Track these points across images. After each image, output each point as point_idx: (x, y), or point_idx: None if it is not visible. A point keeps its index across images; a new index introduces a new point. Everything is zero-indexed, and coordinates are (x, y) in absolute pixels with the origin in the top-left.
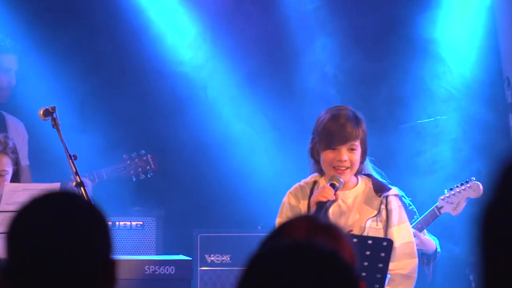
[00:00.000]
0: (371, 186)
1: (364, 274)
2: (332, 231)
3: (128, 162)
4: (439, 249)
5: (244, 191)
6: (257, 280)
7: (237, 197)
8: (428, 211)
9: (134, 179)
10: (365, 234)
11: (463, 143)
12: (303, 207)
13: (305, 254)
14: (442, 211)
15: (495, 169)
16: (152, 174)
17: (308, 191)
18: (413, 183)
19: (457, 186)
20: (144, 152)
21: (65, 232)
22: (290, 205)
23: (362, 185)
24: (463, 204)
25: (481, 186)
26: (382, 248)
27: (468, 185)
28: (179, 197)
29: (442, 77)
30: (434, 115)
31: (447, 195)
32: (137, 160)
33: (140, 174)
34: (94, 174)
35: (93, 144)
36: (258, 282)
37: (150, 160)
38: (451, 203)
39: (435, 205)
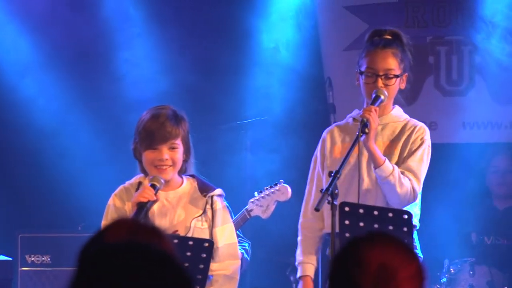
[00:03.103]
0: (196, 186)
1: None
2: (153, 233)
3: None
4: (246, 256)
5: (65, 192)
6: (92, 279)
7: (58, 198)
8: (239, 214)
9: None
10: (190, 233)
11: (284, 143)
12: (128, 208)
13: (140, 254)
14: (252, 214)
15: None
16: None
17: (133, 192)
18: (233, 184)
19: (266, 189)
20: None
21: None
22: (115, 207)
23: (188, 185)
24: (272, 207)
25: (289, 189)
26: (203, 249)
27: (277, 188)
28: (0, 197)
29: (264, 77)
30: (255, 116)
31: (257, 198)
32: None
33: None
34: None
35: None
36: (93, 281)
37: None
38: (261, 206)
39: (245, 208)
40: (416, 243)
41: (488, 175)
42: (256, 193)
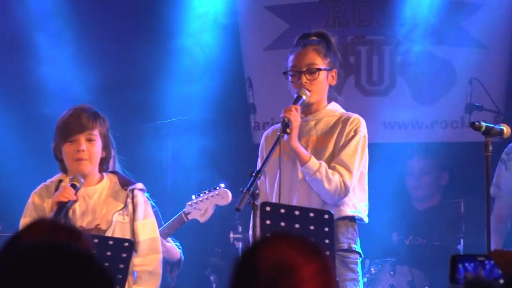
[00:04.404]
0: (117, 180)
1: None
2: (72, 232)
3: None
4: (183, 257)
5: None
6: (12, 282)
7: None
8: (175, 216)
9: None
10: (112, 227)
11: (204, 143)
12: (47, 206)
13: (60, 254)
14: (189, 217)
15: None
16: None
17: (53, 190)
18: (156, 185)
19: (205, 193)
20: None
21: None
22: (34, 204)
23: (107, 181)
24: (211, 211)
25: (229, 194)
26: (123, 248)
27: (217, 192)
28: None
29: (184, 77)
30: (176, 115)
31: (195, 201)
32: None
33: None
34: None
35: None
36: (14, 284)
37: None
38: (199, 209)
39: (183, 210)
40: (357, 239)
41: (405, 177)
42: (193, 196)
